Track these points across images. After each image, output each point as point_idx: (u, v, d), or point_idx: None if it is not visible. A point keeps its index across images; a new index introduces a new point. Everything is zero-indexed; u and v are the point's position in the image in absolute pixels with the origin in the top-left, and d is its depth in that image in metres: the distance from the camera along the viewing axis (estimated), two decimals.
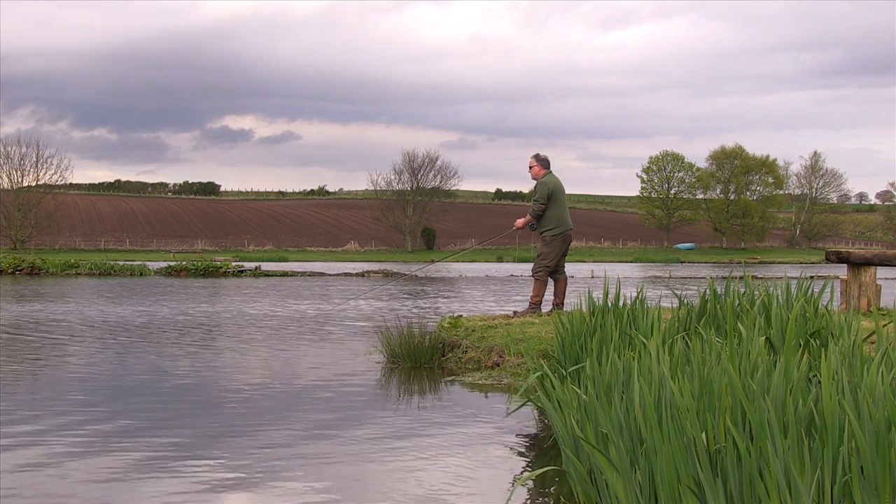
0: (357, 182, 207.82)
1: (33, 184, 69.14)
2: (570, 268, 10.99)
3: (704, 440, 3.39)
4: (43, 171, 69.24)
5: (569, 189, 10.29)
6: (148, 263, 37.03)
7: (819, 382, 3.97)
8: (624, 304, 6.53)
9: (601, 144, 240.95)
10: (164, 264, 35.22)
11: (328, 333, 11.94)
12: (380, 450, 5.30)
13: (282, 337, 11.49)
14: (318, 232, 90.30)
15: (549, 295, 10.04)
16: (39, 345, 10.41)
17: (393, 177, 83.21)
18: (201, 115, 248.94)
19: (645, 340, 5.04)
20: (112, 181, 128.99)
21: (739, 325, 4.99)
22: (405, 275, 30.55)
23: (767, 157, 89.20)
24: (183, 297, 19.55)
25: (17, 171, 68.33)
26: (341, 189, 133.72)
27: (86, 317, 13.99)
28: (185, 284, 25.45)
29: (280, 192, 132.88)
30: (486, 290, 23.82)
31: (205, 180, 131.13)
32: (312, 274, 34.37)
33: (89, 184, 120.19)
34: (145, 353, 9.70)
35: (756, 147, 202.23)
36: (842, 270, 10.68)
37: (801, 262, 61.14)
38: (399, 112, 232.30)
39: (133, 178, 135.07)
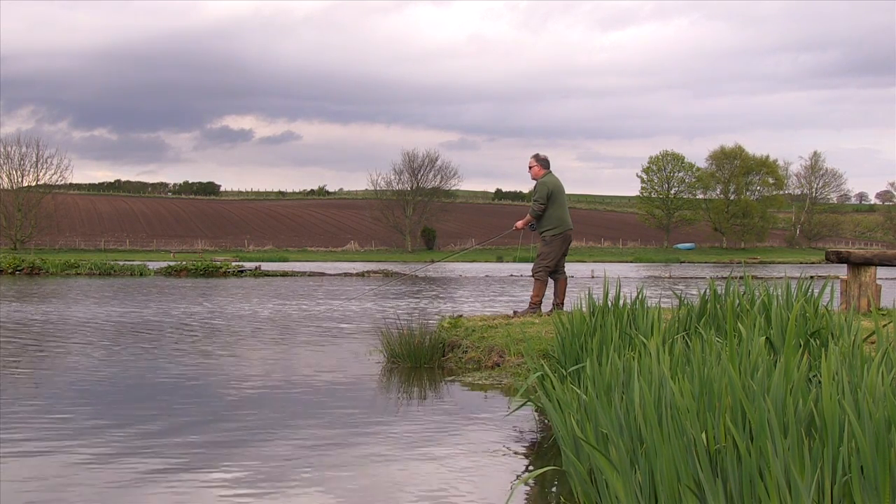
0: (357, 182, 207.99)
1: (33, 184, 69.16)
2: (570, 268, 10.99)
3: (704, 440, 3.39)
4: (43, 171, 69.34)
5: (569, 189, 10.29)
6: (148, 263, 37.03)
7: (819, 382, 3.97)
8: (624, 304, 6.53)
9: (601, 144, 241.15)
10: (164, 264, 35.22)
11: (328, 333, 11.94)
12: (379, 450, 5.30)
13: (281, 337, 11.49)
14: (318, 232, 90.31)
15: (549, 295, 10.03)
16: (29, 346, 10.42)
17: (393, 177, 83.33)
18: (201, 115, 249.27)
19: (645, 340, 5.04)
20: (112, 181, 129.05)
21: (739, 325, 4.99)
22: (405, 275, 30.54)
23: (767, 157, 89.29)
24: (182, 297, 19.55)
25: (17, 171, 68.41)
26: (341, 189, 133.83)
27: (88, 318, 13.99)
28: (184, 284, 25.45)
29: (280, 192, 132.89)
30: (485, 290, 23.82)
31: (205, 180, 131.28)
32: (312, 274, 34.38)
33: (89, 184, 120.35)
34: (144, 354, 9.70)
35: (756, 147, 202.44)
36: (842, 270, 10.68)
37: (801, 262, 61.14)
38: (399, 112, 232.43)
39: (133, 178, 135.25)
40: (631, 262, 63.99)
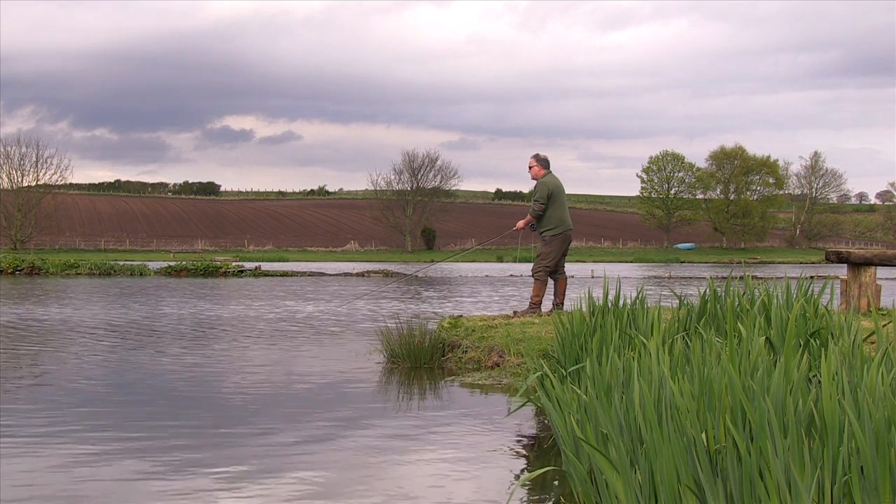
0: (357, 182, 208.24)
1: (33, 184, 69.11)
2: (570, 268, 10.99)
3: (704, 440, 3.39)
4: (43, 171, 69.28)
5: (569, 189, 10.29)
6: (148, 263, 37.03)
7: (819, 382, 3.97)
8: (624, 304, 6.53)
9: (601, 144, 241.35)
10: (164, 264, 35.22)
11: (328, 333, 11.94)
12: (380, 450, 5.30)
13: (282, 337, 11.48)
14: (318, 232, 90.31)
15: (549, 295, 10.03)
16: (29, 347, 10.41)
17: (393, 177, 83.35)
18: (202, 116, 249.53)
19: (645, 340, 5.04)
20: (112, 181, 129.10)
21: (739, 325, 4.99)
22: (405, 275, 30.56)
23: (768, 157, 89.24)
24: (183, 297, 19.55)
25: (17, 171, 68.33)
26: (341, 189, 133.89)
27: (88, 318, 13.99)
28: (184, 284, 25.45)
29: (280, 192, 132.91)
30: (485, 290, 23.82)
31: (205, 180, 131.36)
32: (312, 274, 34.38)
33: (89, 184, 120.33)
34: (144, 354, 9.70)
35: (756, 147, 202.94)
36: (842, 270, 10.68)
37: (801, 262, 61.15)
38: (399, 112, 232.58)
39: (133, 178, 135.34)
40: (631, 262, 63.99)
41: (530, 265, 10.24)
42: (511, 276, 34.15)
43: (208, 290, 22.37)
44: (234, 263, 35.80)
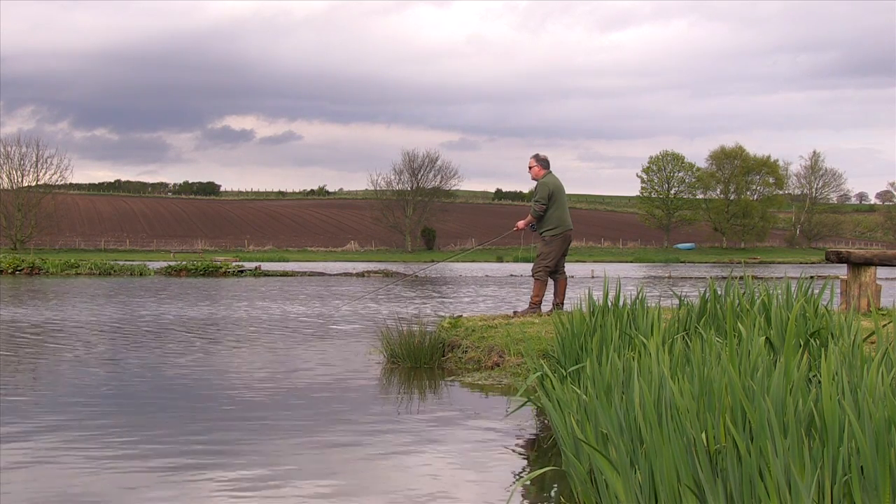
0: (357, 182, 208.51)
1: (33, 184, 69.11)
2: (570, 268, 10.99)
3: (704, 440, 3.39)
4: (43, 171, 69.29)
5: (569, 189, 10.29)
6: (148, 263, 37.03)
7: (819, 382, 3.97)
8: (624, 304, 6.53)
9: (601, 144, 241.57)
10: (164, 264, 35.23)
11: (328, 334, 11.94)
12: (380, 450, 5.30)
13: (282, 337, 11.48)
14: (318, 232, 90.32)
15: (549, 295, 10.04)
16: (29, 347, 10.41)
17: (393, 177, 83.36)
18: (202, 116, 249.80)
19: (645, 340, 5.04)
20: (112, 181, 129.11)
21: (739, 325, 4.99)
22: (406, 275, 30.56)
23: (768, 157, 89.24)
24: (182, 297, 19.55)
25: (17, 171, 68.33)
26: (341, 189, 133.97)
27: (88, 319, 13.99)
28: (184, 284, 25.45)
29: (280, 192, 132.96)
30: (484, 290, 23.82)
31: (205, 180, 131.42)
32: (312, 274, 34.38)
33: (89, 184, 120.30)
34: (144, 354, 9.70)
35: (756, 147, 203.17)
36: (842, 270, 10.68)
37: (801, 262, 61.16)
38: (399, 112, 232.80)
39: (134, 178, 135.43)
40: (631, 262, 63.99)
41: (530, 265, 10.24)
42: (511, 276, 34.13)
43: (208, 291, 22.37)
44: (234, 263, 35.80)
